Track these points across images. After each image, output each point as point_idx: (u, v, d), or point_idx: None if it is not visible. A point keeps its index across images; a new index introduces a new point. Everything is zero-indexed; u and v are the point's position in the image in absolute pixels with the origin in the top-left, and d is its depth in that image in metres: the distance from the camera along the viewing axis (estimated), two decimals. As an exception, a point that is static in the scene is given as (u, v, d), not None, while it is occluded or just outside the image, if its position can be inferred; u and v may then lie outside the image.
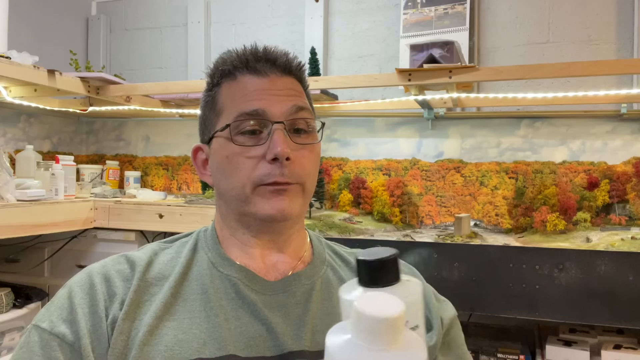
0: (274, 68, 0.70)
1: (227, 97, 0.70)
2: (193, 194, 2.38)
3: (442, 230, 2.02)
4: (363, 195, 2.09)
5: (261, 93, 0.67)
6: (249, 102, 0.67)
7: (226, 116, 0.69)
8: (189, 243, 0.73)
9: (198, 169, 0.76)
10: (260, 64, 0.69)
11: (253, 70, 0.69)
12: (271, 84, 0.68)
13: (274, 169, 0.65)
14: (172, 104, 2.28)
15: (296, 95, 0.70)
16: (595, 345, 1.59)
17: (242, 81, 0.69)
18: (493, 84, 2.04)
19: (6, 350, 1.72)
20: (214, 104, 0.71)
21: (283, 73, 0.70)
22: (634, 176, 1.83)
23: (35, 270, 2.03)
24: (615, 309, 1.39)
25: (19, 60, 1.73)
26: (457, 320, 0.76)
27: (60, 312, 0.64)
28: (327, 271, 0.73)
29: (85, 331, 0.62)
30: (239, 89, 0.69)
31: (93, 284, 0.66)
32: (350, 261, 0.76)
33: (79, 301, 0.64)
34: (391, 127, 2.17)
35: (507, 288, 1.48)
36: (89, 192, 2.15)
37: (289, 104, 0.68)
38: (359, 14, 2.25)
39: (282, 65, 0.70)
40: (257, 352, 0.62)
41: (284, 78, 0.70)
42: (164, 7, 2.57)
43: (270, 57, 0.70)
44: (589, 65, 1.56)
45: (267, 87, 0.68)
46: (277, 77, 0.69)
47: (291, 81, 0.71)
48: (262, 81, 0.69)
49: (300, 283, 0.69)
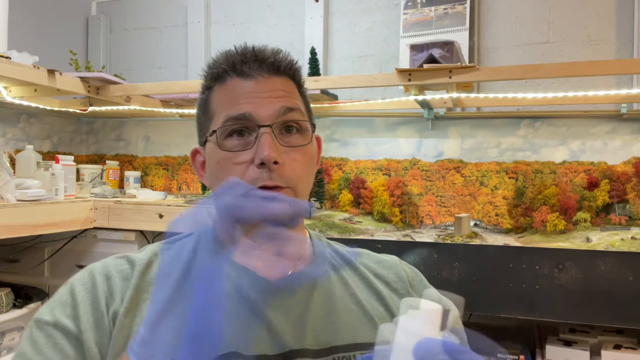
0: (261, 69, 0.68)
1: (217, 100, 0.69)
2: (193, 194, 2.38)
3: (442, 230, 2.02)
4: (363, 195, 2.09)
5: (248, 96, 0.67)
6: (236, 106, 0.66)
7: (216, 120, 0.68)
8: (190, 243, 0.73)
9: (197, 171, 0.76)
10: (247, 66, 0.68)
11: (240, 73, 0.68)
12: (258, 86, 0.67)
13: (262, 174, 0.64)
14: (172, 104, 2.28)
15: (285, 95, 0.69)
16: (595, 345, 1.59)
17: (230, 85, 0.69)
18: (493, 84, 2.04)
19: (6, 350, 1.72)
20: (206, 107, 0.71)
21: (272, 73, 0.69)
22: (634, 176, 1.83)
23: (35, 270, 2.03)
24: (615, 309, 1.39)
25: (19, 60, 1.73)
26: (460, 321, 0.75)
27: (63, 308, 0.64)
28: (328, 270, 0.73)
29: (87, 326, 0.62)
30: (228, 92, 0.68)
31: (95, 281, 0.66)
32: (350, 260, 0.76)
33: (81, 298, 0.64)
34: (391, 127, 2.17)
35: (507, 288, 1.48)
36: (89, 192, 2.15)
37: (277, 105, 0.67)
38: (359, 14, 2.25)
39: (270, 66, 0.69)
40: (259, 351, 0.62)
41: (273, 79, 0.69)
42: (164, 7, 2.57)
43: (257, 58, 0.69)
44: (589, 65, 1.56)
45: (254, 89, 0.67)
46: (265, 78, 0.68)
47: (281, 81, 0.70)
48: (249, 84, 0.68)
49: (301, 282, 0.69)
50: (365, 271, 0.75)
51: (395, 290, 0.74)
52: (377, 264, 0.78)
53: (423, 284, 0.77)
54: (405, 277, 0.75)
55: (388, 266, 0.77)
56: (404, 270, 0.77)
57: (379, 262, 0.78)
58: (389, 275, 0.76)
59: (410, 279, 0.76)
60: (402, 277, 0.75)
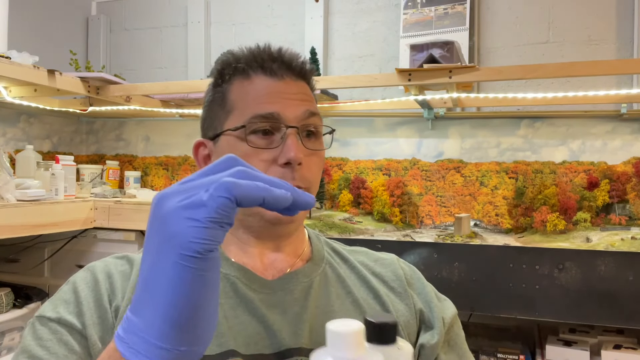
0: (289, 71, 0.69)
1: (239, 95, 0.69)
2: (193, 194, 2.37)
3: (442, 230, 2.02)
4: (363, 195, 2.09)
5: (277, 96, 0.67)
6: (264, 104, 0.66)
7: (238, 115, 0.68)
8: None
9: (199, 164, 0.75)
10: (275, 66, 0.69)
11: (268, 71, 0.69)
12: (286, 87, 0.68)
13: (285, 173, 0.65)
14: (172, 104, 2.28)
15: (308, 100, 0.70)
16: (595, 345, 1.59)
17: (256, 81, 0.69)
18: (493, 84, 2.04)
19: (6, 350, 1.72)
20: (223, 100, 0.70)
21: (297, 77, 0.70)
22: (634, 176, 1.83)
23: (35, 270, 2.03)
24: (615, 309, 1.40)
25: (19, 60, 1.73)
26: (458, 319, 0.76)
27: (66, 305, 0.64)
28: (326, 269, 0.73)
29: (91, 322, 0.62)
30: (253, 89, 0.68)
31: (97, 279, 0.67)
32: (348, 259, 0.76)
33: (84, 295, 0.65)
34: (391, 127, 2.17)
35: (507, 288, 1.48)
36: (89, 192, 2.15)
37: (303, 108, 0.68)
38: (359, 14, 2.25)
39: (297, 69, 0.70)
40: (256, 350, 0.63)
41: (298, 82, 0.70)
42: (164, 7, 2.57)
43: (285, 60, 0.70)
44: (589, 65, 1.56)
45: (282, 90, 0.68)
46: (292, 80, 0.70)
47: (303, 86, 0.71)
48: (278, 84, 0.68)
49: (298, 281, 0.69)
50: (362, 269, 0.75)
51: (392, 289, 0.74)
52: (375, 262, 0.78)
53: (421, 282, 0.77)
54: (403, 275, 0.75)
55: (386, 264, 0.77)
56: (402, 268, 0.77)
57: (376, 260, 0.78)
58: (386, 273, 0.76)
59: (407, 277, 0.76)
60: (400, 275, 0.75)
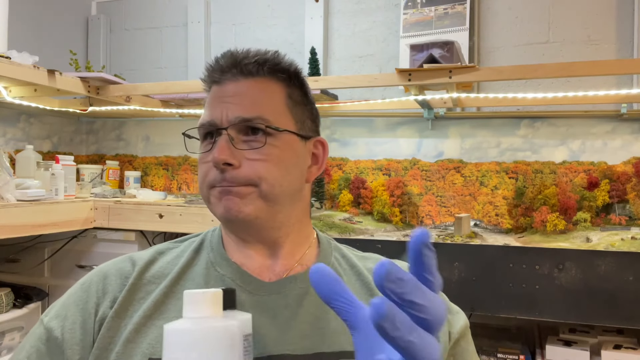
0: (227, 73, 0.69)
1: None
2: (193, 194, 2.38)
3: (442, 230, 2.02)
4: (363, 195, 2.09)
5: (214, 101, 0.69)
6: (206, 112, 0.70)
7: None
8: (195, 243, 0.74)
9: None
10: (217, 72, 0.70)
11: (214, 80, 0.71)
12: (222, 91, 0.69)
13: (217, 174, 0.66)
14: (172, 104, 2.28)
15: (250, 96, 0.68)
16: (595, 345, 1.59)
17: (210, 91, 0.72)
18: (493, 84, 2.04)
19: (6, 350, 1.72)
20: None
21: (241, 76, 0.69)
22: (634, 176, 1.83)
23: (35, 270, 2.03)
24: (615, 309, 1.39)
25: (19, 60, 1.73)
26: (468, 332, 0.73)
27: (59, 307, 0.68)
28: None
29: (71, 326, 0.65)
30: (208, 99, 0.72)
31: (91, 281, 0.69)
32: (356, 265, 0.74)
33: (75, 298, 0.68)
34: (391, 127, 2.17)
35: (507, 288, 1.48)
36: (89, 192, 2.15)
37: (234, 109, 0.67)
38: (359, 14, 2.25)
39: (241, 67, 0.69)
40: None
41: (240, 82, 0.69)
42: (164, 7, 2.57)
43: (225, 63, 0.69)
44: (589, 65, 1.56)
45: (219, 94, 0.69)
46: (232, 82, 0.69)
47: (250, 84, 0.68)
48: (218, 89, 0.70)
49: (294, 286, 0.68)
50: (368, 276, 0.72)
51: None
52: None
53: None
54: None
55: None
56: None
57: None
58: None
59: None
60: None
